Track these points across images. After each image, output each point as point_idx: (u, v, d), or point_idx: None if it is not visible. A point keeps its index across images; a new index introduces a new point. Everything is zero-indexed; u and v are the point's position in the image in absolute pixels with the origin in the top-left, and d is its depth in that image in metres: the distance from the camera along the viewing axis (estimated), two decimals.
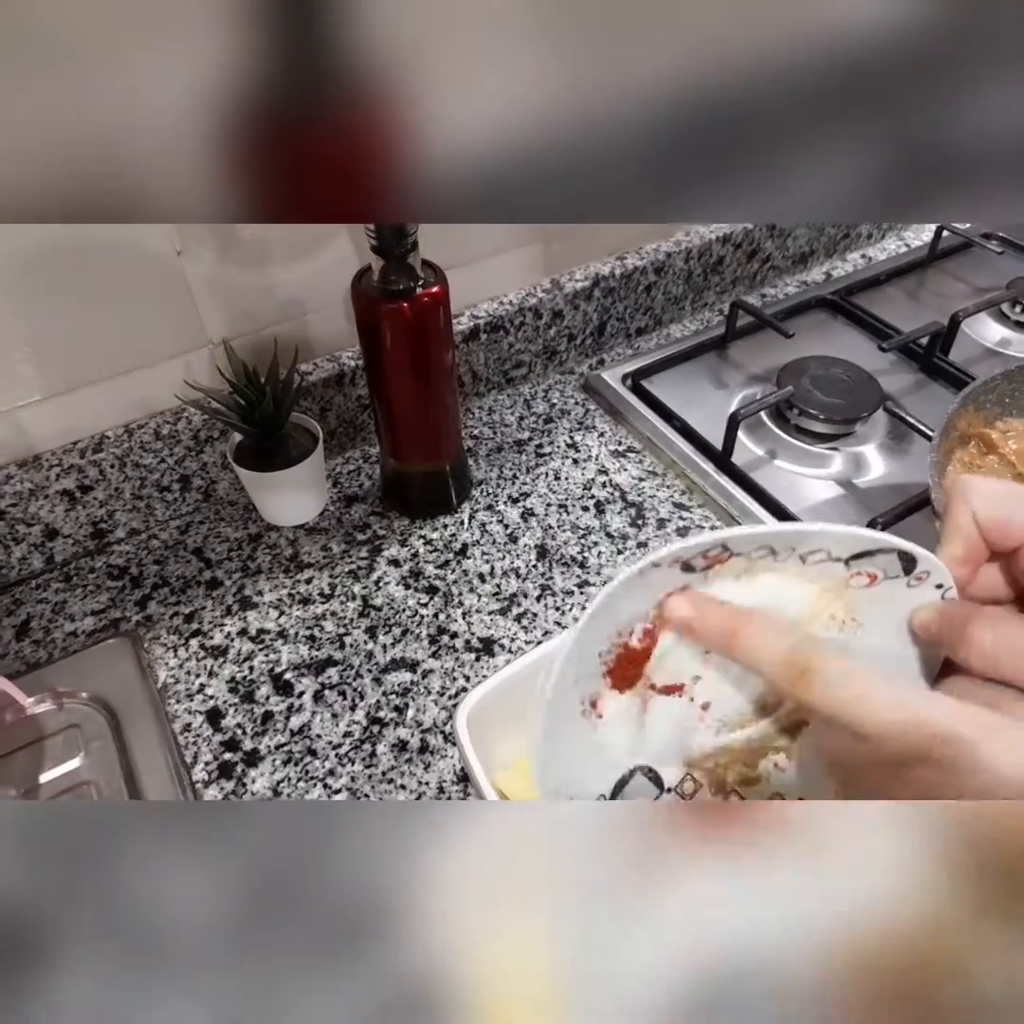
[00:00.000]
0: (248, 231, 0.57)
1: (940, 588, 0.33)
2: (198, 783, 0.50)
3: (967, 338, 0.80)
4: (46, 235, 0.51)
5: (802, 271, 0.93)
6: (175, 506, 0.66)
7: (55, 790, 0.50)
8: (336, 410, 0.68)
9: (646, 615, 0.32)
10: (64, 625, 0.59)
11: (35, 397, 0.56)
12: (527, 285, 0.75)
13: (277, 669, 0.56)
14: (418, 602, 0.60)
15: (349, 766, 0.51)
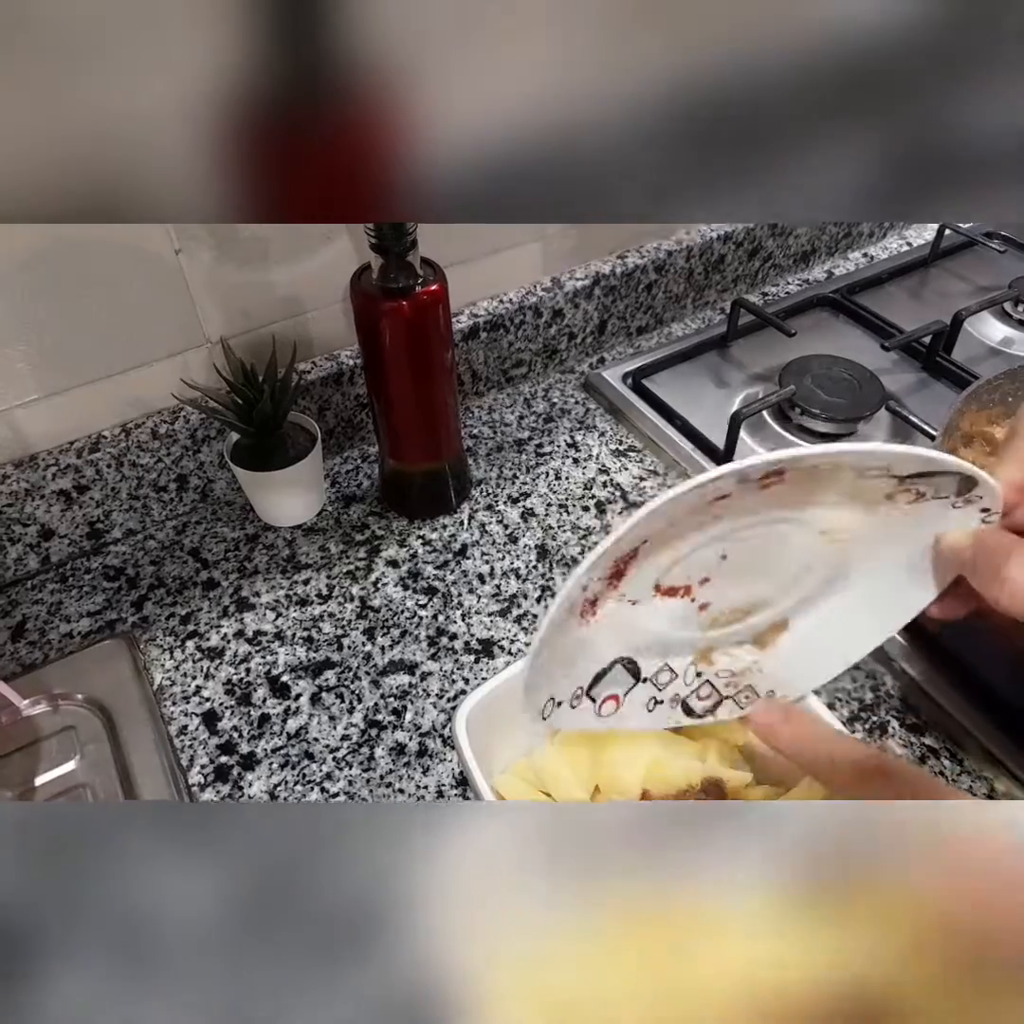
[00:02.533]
0: (246, 230, 0.57)
1: (985, 512, 0.34)
2: (194, 786, 0.50)
3: (970, 337, 0.80)
4: (43, 234, 0.50)
5: (804, 270, 0.93)
6: (172, 506, 0.65)
7: (50, 792, 0.49)
8: (334, 409, 0.68)
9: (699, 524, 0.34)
10: (60, 626, 0.58)
11: (32, 396, 0.56)
12: (527, 283, 0.74)
13: (274, 671, 0.55)
14: (417, 603, 0.59)
15: (347, 770, 0.50)
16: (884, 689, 0.53)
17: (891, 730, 0.51)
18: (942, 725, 0.51)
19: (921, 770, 0.46)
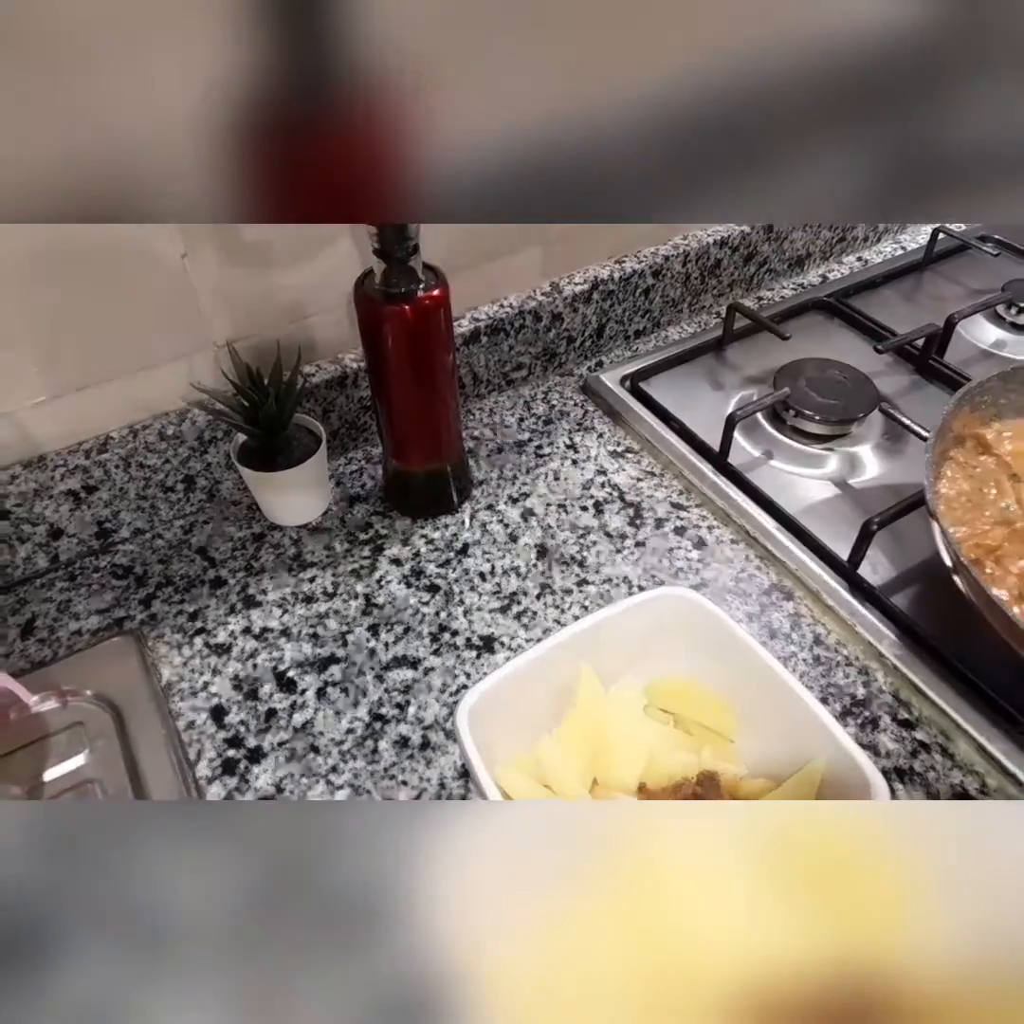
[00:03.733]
0: (252, 234, 0.58)
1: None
2: (202, 780, 0.51)
3: (962, 340, 0.81)
4: (52, 236, 0.51)
5: (798, 274, 0.94)
6: (179, 506, 0.66)
7: (59, 788, 0.50)
8: (338, 411, 0.69)
9: None
10: (69, 624, 0.59)
11: (40, 398, 0.57)
12: (527, 288, 0.75)
13: (280, 667, 0.56)
14: (420, 600, 0.60)
15: (351, 762, 0.51)
16: (876, 685, 0.54)
17: (883, 725, 0.52)
18: (933, 720, 0.52)
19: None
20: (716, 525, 0.65)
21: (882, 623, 0.56)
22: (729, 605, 0.59)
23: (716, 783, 0.46)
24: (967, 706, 0.51)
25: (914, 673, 0.53)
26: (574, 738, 0.48)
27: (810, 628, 0.58)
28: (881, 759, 0.51)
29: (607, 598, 0.60)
